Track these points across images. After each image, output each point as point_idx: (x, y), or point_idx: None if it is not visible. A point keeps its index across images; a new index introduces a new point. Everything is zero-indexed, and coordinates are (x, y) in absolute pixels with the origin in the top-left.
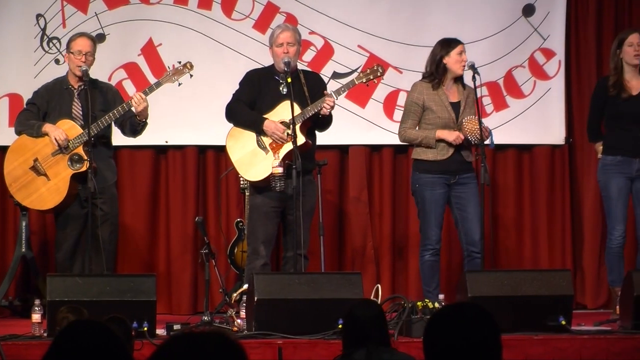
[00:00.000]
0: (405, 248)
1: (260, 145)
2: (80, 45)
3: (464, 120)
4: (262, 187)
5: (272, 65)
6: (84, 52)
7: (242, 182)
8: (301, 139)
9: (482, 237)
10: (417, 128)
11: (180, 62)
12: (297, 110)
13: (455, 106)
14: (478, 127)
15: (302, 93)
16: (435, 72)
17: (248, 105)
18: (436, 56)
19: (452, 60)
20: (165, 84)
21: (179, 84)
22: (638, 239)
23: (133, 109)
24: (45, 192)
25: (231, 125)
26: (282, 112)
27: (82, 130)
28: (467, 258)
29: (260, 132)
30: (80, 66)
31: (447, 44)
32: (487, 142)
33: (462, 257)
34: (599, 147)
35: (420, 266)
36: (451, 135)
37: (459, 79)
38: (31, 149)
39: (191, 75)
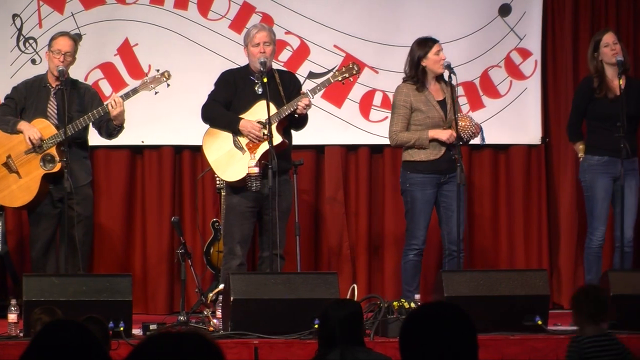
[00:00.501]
0: (381, 248)
1: (237, 145)
2: (60, 44)
3: (457, 117)
4: (238, 187)
5: (247, 65)
6: (63, 52)
7: (218, 182)
8: (278, 139)
9: (464, 237)
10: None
11: (158, 71)
12: (273, 109)
13: (442, 104)
14: (471, 123)
15: (277, 93)
16: (416, 74)
17: (224, 105)
18: (414, 58)
19: (430, 61)
20: (142, 91)
21: (156, 93)
22: (616, 238)
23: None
24: (16, 190)
25: (207, 125)
26: (258, 112)
27: (56, 131)
28: (448, 257)
29: (236, 132)
30: (58, 66)
31: (424, 45)
32: (477, 140)
33: (438, 257)
34: (580, 146)
35: (403, 265)
36: (444, 134)
37: (440, 77)
38: (5, 145)
39: (168, 85)
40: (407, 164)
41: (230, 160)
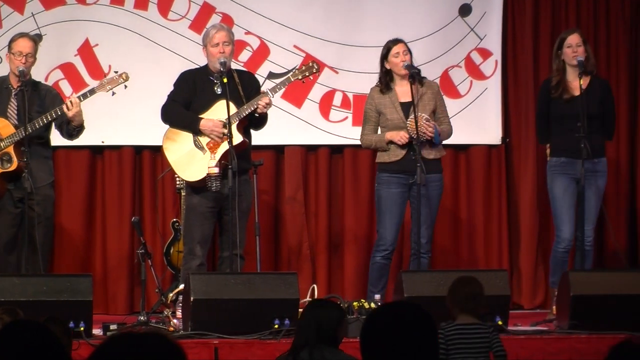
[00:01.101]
0: (341, 247)
1: (198, 145)
2: (20, 46)
3: (409, 120)
4: (199, 187)
5: (206, 66)
6: (25, 54)
7: (178, 183)
8: (239, 138)
9: (432, 239)
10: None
11: (116, 72)
12: (233, 109)
13: (406, 106)
14: (420, 124)
15: (237, 92)
16: (383, 76)
17: (183, 106)
18: (380, 59)
19: (391, 63)
20: (99, 92)
21: (113, 94)
22: (576, 239)
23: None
24: None
25: (167, 126)
26: (218, 111)
27: (15, 130)
28: (413, 257)
29: (197, 132)
30: (19, 66)
31: (387, 46)
32: (448, 140)
33: (401, 258)
34: (548, 149)
35: (370, 266)
36: (396, 135)
37: (414, 77)
38: None
39: (125, 87)
40: (378, 165)
41: (191, 160)
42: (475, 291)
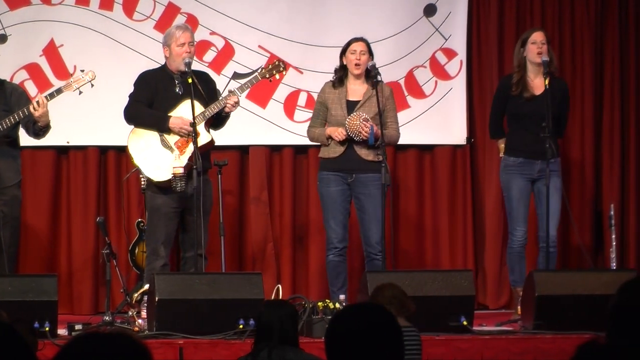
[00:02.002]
0: (306, 248)
1: (165, 144)
2: None
3: (347, 117)
4: (164, 187)
5: (165, 66)
6: None
7: (142, 183)
8: (207, 137)
9: (382, 239)
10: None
11: (82, 71)
12: (201, 108)
13: (352, 104)
14: (357, 123)
15: (199, 92)
16: (338, 70)
17: (146, 106)
18: (340, 54)
19: (346, 59)
20: (66, 91)
21: (80, 93)
22: (540, 239)
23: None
24: None
25: (132, 126)
26: (184, 111)
27: None
28: (367, 259)
29: (165, 130)
30: None
31: (347, 43)
32: (369, 139)
33: (363, 258)
34: (501, 144)
35: (326, 266)
36: (334, 132)
37: (368, 77)
38: None
39: (92, 85)
40: (320, 160)
41: (159, 161)
42: (395, 293)
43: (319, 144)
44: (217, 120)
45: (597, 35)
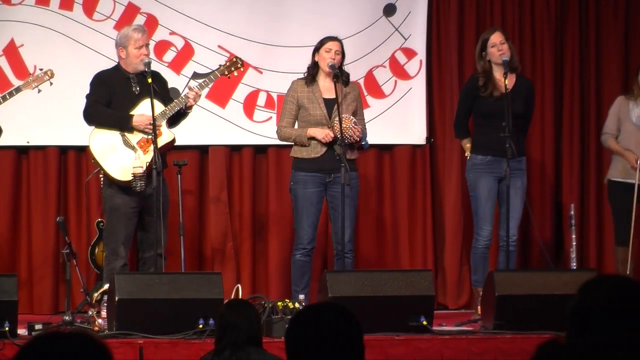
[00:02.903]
0: (265, 248)
1: (127, 144)
2: None
3: (336, 119)
4: (127, 187)
5: (119, 66)
6: None
7: (102, 182)
8: (170, 136)
9: (353, 238)
10: (295, 126)
11: (41, 70)
12: (161, 107)
13: (330, 103)
14: (349, 126)
15: (155, 91)
16: (311, 67)
17: (105, 106)
18: (313, 51)
19: (320, 57)
20: (25, 90)
21: (39, 91)
22: (500, 238)
23: None
24: None
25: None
26: (144, 111)
27: None
28: (336, 257)
29: (128, 129)
30: None
31: (321, 41)
32: (363, 143)
33: (325, 258)
34: (467, 144)
35: (291, 265)
36: (321, 133)
37: (339, 76)
38: None
39: (51, 83)
40: (294, 161)
41: (121, 160)
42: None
43: (286, 143)
44: (175, 118)
45: (557, 34)
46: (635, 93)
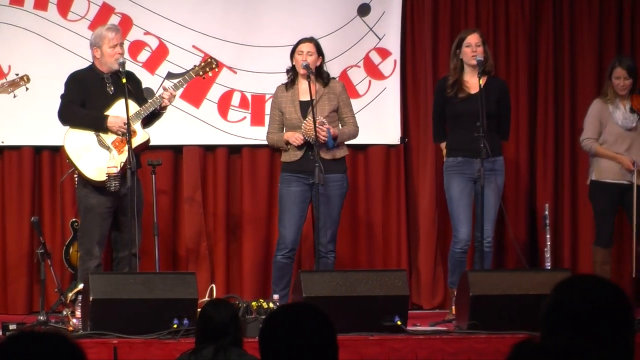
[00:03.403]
0: (240, 248)
1: (102, 144)
2: None
3: (303, 121)
4: (101, 187)
5: (93, 66)
6: None
7: (76, 183)
8: (145, 136)
9: (334, 239)
10: (284, 131)
11: (17, 75)
12: (136, 107)
13: (305, 105)
14: (311, 127)
15: (130, 91)
16: (291, 70)
17: (80, 106)
18: (290, 54)
19: (295, 60)
20: (0, 94)
21: (14, 96)
22: (475, 238)
23: None
24: None
25: (67, 127)
26: (118, 111)
27: None
28: (317, 257)
29: (103, 130)
30: None
31: (296, 44)
32: (328, 143)
33: (303, 258)
34: (444, 148)
35: (272, 266)
36: (291, 137)
37: (318, 77)
38: None
39: (27, 89)
40: (282, 164)
41: (96, 160)
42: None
43: (261, 143)
44: (149, 118)
45: (532, 34)
46: (610, 95)
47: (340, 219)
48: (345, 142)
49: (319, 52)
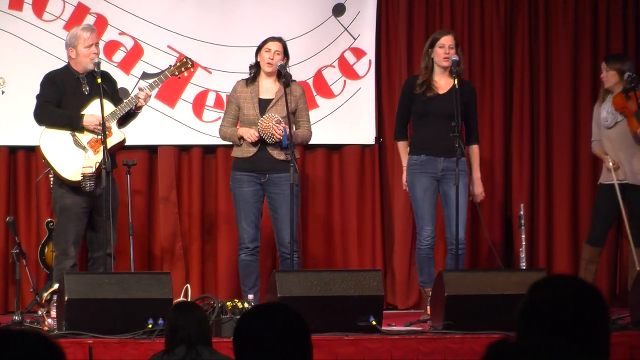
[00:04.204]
0: (215, 248)
1: (78, 144)
2: None
3: (260, 118)
4: (77, 187)
5: (69, 66)
6: None
7: (52, 182)
8: (120, 136)
9: (295, 239)
10: (238, 126)
11: None
12: (111, 107)
13: (265, 103)
14: (270, 124)
15: (105, 91)
16: (253, 67)
17: (56, 106)
18: (255, 51)
19: (260, 57)
20: None
21: None
22: (447, 239)
23: None
24: None
25: (43, 126)
26: (94, 111)
27: None
28: (280, 258)
29: (79, 129)
30: None
31: (263, 41)
32: (282, 141)
33: (274, 258)
34: (402, 147)
35: (238, 265)
36: (246, 133)
37: (279, 76)
38: None
39: (3, 92)
40: (233, 160)
41: (72, 160)
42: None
43: (229, 143)
44: (124, 118)
45: (507, 35)
46: (600, 97)
47: (310, 218)
48: (302, 144)
49: (286, 52)
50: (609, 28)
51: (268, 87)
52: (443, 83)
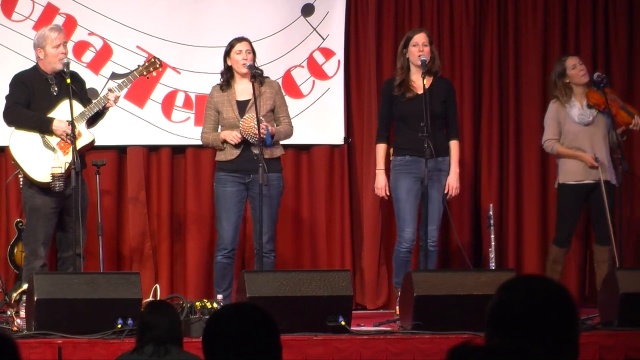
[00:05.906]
0: (184, 248)
1: (47, 146)
2: None
3: (240, 120)
4: (46, 187)
5: (37, 67)
6: None
7: (21, 183)
8: (89, 137)
9: (274, 238)
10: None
11: None
12: (80, 108)
13: (243, 104)
14: (252, 124)
15: (74, 92)
16: (225, 72)
17: (25, 107)
18: (224, 56)
19: (232, 60)
20: None
21: None
22: (420, 238)
23: None
24: None
25: (12, 128)
26: (63, 111)
27: None
28: (257, 257)
29: (48, 132)
30: None
31: (230, 44)
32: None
33: (247, 258)
34: (380, 150)
35: (214, 266)
36: (229, 135)
37: (255, 77)
38: None
39: None
40: (217, 163)
41: (41, 161)
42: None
43: (201, 143)
44: (93, 118)
45: (476, 35)
46: (562, 96)
47: (279, 219)
48: (281, 142)
49: (253, 50)
50: (579, 28)
51: (243, 88)
52: (421, 83)
